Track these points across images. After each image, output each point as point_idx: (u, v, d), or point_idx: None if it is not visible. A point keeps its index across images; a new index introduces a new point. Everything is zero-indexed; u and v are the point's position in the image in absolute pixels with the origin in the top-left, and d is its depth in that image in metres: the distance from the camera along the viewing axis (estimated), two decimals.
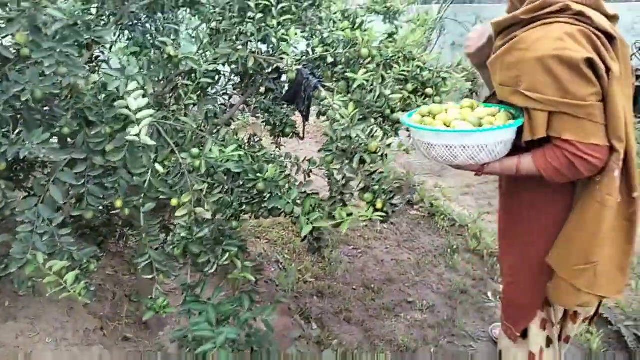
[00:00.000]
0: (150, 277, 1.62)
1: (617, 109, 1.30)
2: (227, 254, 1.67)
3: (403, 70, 1.92)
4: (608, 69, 1.29)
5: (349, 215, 1.56)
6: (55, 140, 1.65)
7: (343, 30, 1.84)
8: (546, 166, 1.38)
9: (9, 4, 1.30)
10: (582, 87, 1.28)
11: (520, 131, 1.43)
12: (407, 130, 1.72)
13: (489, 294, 2.83)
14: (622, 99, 1.32)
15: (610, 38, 1.33)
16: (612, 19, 1.41)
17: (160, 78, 1.96)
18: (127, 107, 1.34)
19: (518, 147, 1.46)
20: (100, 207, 1.75)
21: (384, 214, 1.60)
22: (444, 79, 2.28)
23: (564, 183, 1.45)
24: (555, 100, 1.30)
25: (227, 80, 2.53)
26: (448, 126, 1.50)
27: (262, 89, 2.38)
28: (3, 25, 1.36)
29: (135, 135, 1.30)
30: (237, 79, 2.53)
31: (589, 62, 1.27)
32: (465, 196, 4.49)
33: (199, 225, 1.63)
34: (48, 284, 1.32)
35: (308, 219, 1.67)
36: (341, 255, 3.23)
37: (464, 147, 1.41)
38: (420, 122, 1.56)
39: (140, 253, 1.64)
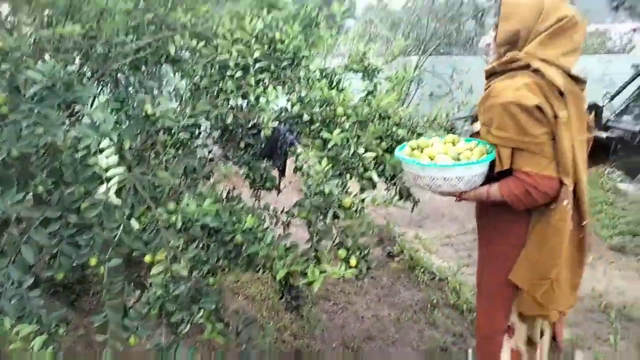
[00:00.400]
0: (102, 339, 1.56)
1: (564, 147, 1.57)
2: (202, 311, 1.64)
3: (378, 129, 1.97)
4: (556, 115, 1.58)
5: (322, 272, 1.55)
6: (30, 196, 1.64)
7: (321, 89, 1.89)
8: (509, 193, 1.63)
9: None
10: (536, 127, 1.57)
11: (493, 163, 1.69)
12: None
13: (469, 351, 2.79)
14: (570, 141, 1.60)
15: (560, 92, 1.59)
16: (577, 80, 1.68)
17: (139, 132, 1.97)
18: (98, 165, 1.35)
19: (491, 177, 1.71)
20: (74, 264, 1.72)
21: (357, 271, 1.60)
22: (420, 134, 2.34)
23: (521, 214, 1.70)
24: (516, 138, 1.60)
25: (207, 134, 2.56)
26: (432, 159, 1.72)
27: (242, 144, 2.41)
28: None
29: (103, 193, 1.29)
30: (218, 133, 2.55)
31: (539, 108, 1.55)
32: (445, 247, 4.51)
33: (175, 282, 1.61)
34: (13, 350, 1.27)
35: (284, 264, 1.67)
36: (320, 312, 3.18)
37: (445, 179, 1.67)
38: (410, 155, 1.78)
39: (98, 311, 1.60)
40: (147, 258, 1.60)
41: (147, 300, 1.61)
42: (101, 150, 1.38)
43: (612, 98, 7.94)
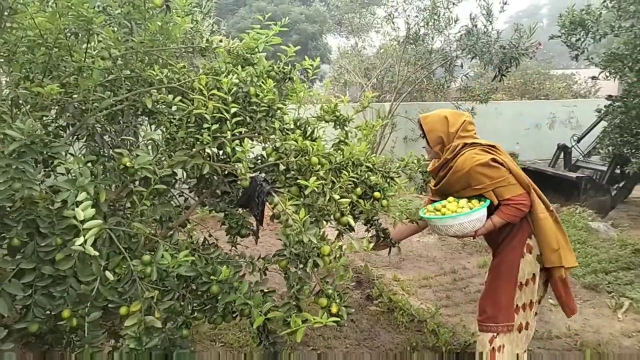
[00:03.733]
0: None
1: (518, 174, 2.44)
2: None
3: (352, 176, 2.03)
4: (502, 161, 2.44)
5: (304, 321, 1.57)
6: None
7: (295, 140, 1.95)
8: (507, 215, 2.44)
9: None
10: (496, 171, 2.41)
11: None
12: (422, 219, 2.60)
13: None
14: (518, 168, 2.46)
15: (494, 147, 2.51)
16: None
17: (115, 183, 1.99)
18: (75, 217, 1.36)
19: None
20: (47, 313, 1.70)
21: (338, 318, 1.62)
22: (392, 178, 2.42)
23: (519, 226, 2.54)
24: (490, 183, 2.41)
25: (183, 182, 2.58)
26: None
27: (218, 191, 2.44)
28: None
29: (81, 245, 1.31)
30: (194, 181, 2.58)
31: (493, 159, 2.40)
32: (424, 289, 4.53)
33: (148, 334, 1.60)
34: None
35: (261, 311, 1.69)
36: (299, 358, 3.14)
37: (461, 224, 2.41)
38: (434, 213, 2.52)
39: None
40: (123, 310, 1.60)
41: (120, 354, 1.59)
42: (77, 203, 1.41)
43: (579, 140, 8.27)
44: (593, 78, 7.48)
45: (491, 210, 2.48)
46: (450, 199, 2.54)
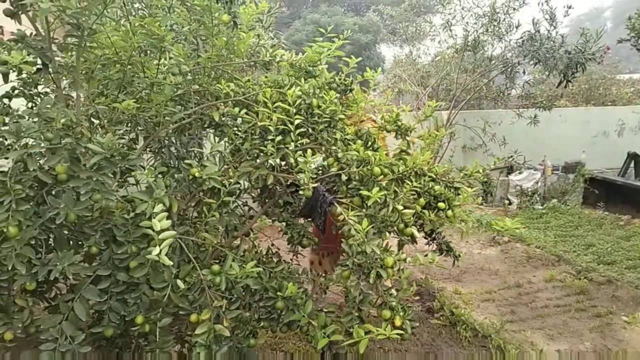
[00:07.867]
0: None
1: None
2: None
3: (415, 186, 2.00)
4: None
5: (367, 333, 1.55)
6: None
7: (357, 151, 1.95)
8: None
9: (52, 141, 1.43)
10: None
11: None
12: None
13: None
14: None
15: None
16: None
17: (184, 194, 2.06)
18: (151, 228, 1.41)
19: None
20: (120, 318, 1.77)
21: (402, 332, 1.59)
22: (457, 189, 2.36)
23: None
24: None
25: (246, 192, 2.64)
26: None
27: (281, 202, 2.47)
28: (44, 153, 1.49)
29: (156, 255, 1.35)
30: (257, 191, 2.63)
31: None
32: (486, 303, 4.38)
33: (218, 342, 1.63)
34: None
35: (324, 333, 1.68)
36: None
37: None
38: None
39: None
40: (193, 318, 1.64)
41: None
42: (154, 214, 1.46)
43: None
44: None
45: None
46: None
